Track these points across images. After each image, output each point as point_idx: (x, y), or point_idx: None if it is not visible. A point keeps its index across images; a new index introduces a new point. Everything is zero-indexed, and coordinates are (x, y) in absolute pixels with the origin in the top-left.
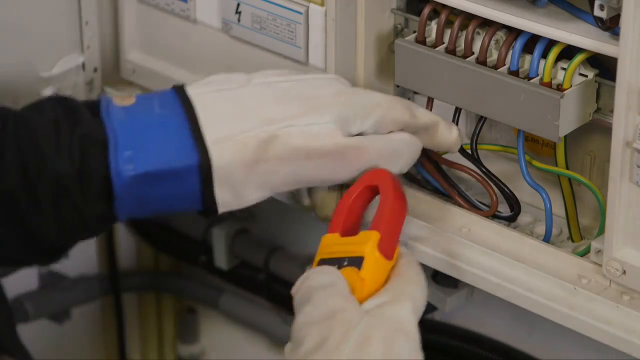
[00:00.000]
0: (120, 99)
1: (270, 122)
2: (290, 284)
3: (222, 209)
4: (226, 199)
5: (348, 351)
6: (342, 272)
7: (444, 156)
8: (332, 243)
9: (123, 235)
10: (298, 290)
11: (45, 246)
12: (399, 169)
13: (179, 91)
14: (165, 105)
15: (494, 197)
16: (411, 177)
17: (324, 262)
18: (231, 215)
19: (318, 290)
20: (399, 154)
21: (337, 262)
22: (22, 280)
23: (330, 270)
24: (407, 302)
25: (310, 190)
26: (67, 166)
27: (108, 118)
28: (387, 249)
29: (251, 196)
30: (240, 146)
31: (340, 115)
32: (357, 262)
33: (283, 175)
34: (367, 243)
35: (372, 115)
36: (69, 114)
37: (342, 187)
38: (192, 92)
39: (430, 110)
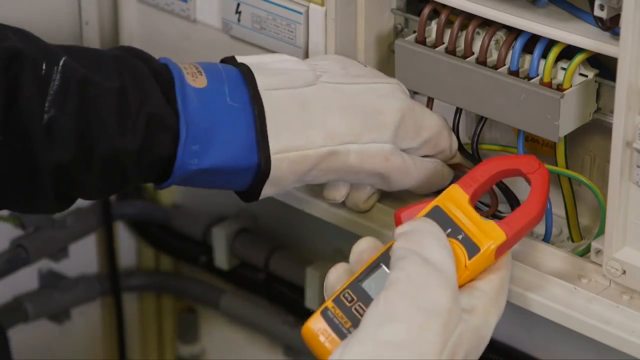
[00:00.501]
0: (192, 77)
1: (333, 137)
2: (290, 284)
3: (261, 196)
4: (269, 193)
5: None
6: (451, 242)
7: None
8: (458, 200)
9: (123, 235)
10: (406, 235)
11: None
12: (424, 192)
13: (248, 80)
14: (236, 97)
15: (495, 197)
16: None
17: (442, 214)
18: (231, 215)
19: (429, 267)
20: (432, 182)
21: (453, 228)
22: (22, 280)
23: (448, 246)
24: (494, 315)
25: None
26: (127, 143)
27: (183, 102)
28: (502, 252)
29: (289, 187)
30: (300, 159)
31: (398, 134)
32: (470, 246)
33: (326, 180)
34: (490, 238)
35: (421, 136)
36: (138, 83)
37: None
38: (261, 84)
39: (431, 109)
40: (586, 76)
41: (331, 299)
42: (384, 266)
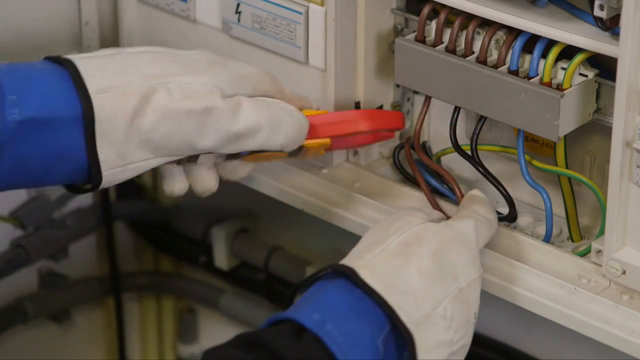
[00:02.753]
0: None
1: (149, 77)
2: (290, 284)
3: (105, 169)
4: (109, 157)
5: (395, 245)
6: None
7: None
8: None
9: (123, 236)
10: None
11: None
12: (282, 142)
13: (53, 58)
14: (46, 63)
15: (458, 193)
16: (409, 177)
17: None
18: (231, 215)
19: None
20: (280, 122)
21: None
22: (22, 281)
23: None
24: (470, 219)
25: (187, 169)
26: None
27: None
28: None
29: (134, 156)
30: (121, 97)
31: (215, 80)
32: None
33: (163, 133)
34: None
35: (245, 84)
36: None
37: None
38: (67, 57)
39: (428, 108)
40: (586, 76)
41: None
42: None
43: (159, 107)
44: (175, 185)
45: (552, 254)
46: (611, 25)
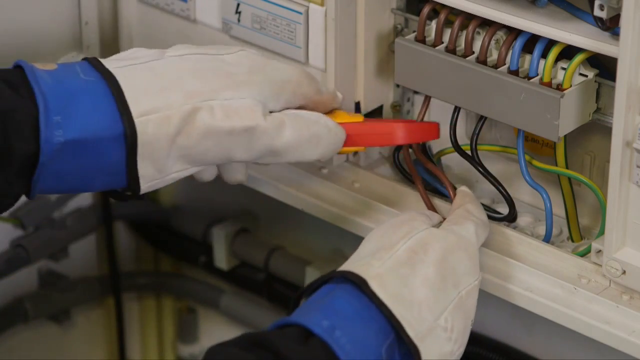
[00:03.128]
0: (42, 65)
1: (192, 95)
2: (290, 284)
3: (144, 183)
4: (148, 173)
5: (402, 251)
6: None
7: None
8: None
9: (123, 236)
10: None
11: None
12: (319, 155)
13: (94, 62)
14: (88, 74)
15: (452, 195)
16: (409, 177)
17: None
18: (231, 215)
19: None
20: (319, 138)
21: None
22: (22, 280)
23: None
24: (470, 223)
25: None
26: None
27: (36, 82)
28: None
29: (172, 169)
30: (164, 120)
31: (256, 93)
32: None
33: (203, 149)
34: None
35: (285, 91)
36: None
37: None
38: (109, 65)
39: (427, 107)
40: (586, 76)
41: None
42: None
43: (201, 127)
44: (205, 174)
45: (552, 254)
46: (611, 25)
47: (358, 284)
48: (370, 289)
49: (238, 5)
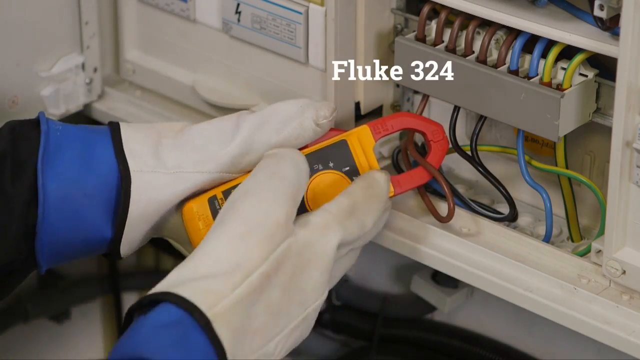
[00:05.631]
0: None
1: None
2: None
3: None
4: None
5: (256, 277)
6: (343, 179)
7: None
8: (364, 143)
9: None
10: (271, 154)
11: None
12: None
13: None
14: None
15: (449, 195)
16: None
17: (345, 149)
18: None
19: (272, 181)
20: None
21: (351, 167)
22: None
23: (302, 170)
24: (336, 234)
25: None
26: None
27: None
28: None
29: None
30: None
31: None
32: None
33: None
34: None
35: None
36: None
37: None
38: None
39: (424, 107)
40: (586, 76)
41: (221, 190)
42: None
43: None
44: None
45: (552, 254)
46: (611, 25)
47: (202, 325)
48: (214, 332)
49: (238, 5)
